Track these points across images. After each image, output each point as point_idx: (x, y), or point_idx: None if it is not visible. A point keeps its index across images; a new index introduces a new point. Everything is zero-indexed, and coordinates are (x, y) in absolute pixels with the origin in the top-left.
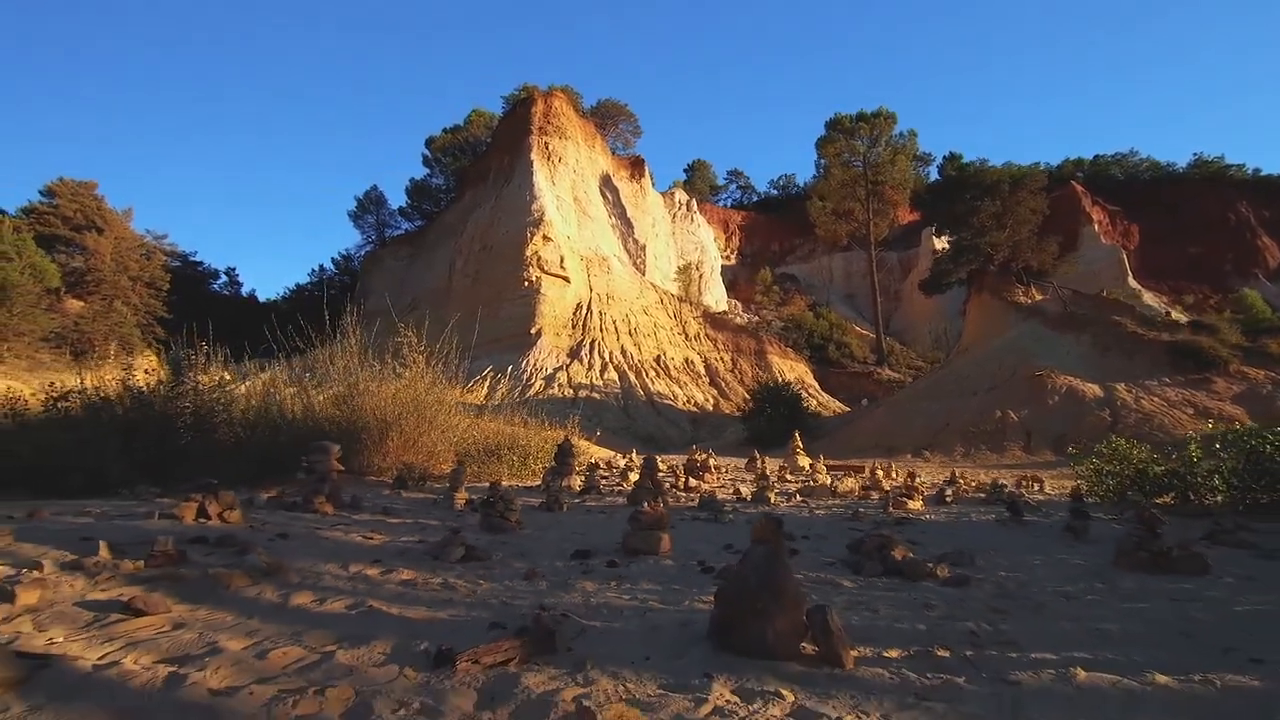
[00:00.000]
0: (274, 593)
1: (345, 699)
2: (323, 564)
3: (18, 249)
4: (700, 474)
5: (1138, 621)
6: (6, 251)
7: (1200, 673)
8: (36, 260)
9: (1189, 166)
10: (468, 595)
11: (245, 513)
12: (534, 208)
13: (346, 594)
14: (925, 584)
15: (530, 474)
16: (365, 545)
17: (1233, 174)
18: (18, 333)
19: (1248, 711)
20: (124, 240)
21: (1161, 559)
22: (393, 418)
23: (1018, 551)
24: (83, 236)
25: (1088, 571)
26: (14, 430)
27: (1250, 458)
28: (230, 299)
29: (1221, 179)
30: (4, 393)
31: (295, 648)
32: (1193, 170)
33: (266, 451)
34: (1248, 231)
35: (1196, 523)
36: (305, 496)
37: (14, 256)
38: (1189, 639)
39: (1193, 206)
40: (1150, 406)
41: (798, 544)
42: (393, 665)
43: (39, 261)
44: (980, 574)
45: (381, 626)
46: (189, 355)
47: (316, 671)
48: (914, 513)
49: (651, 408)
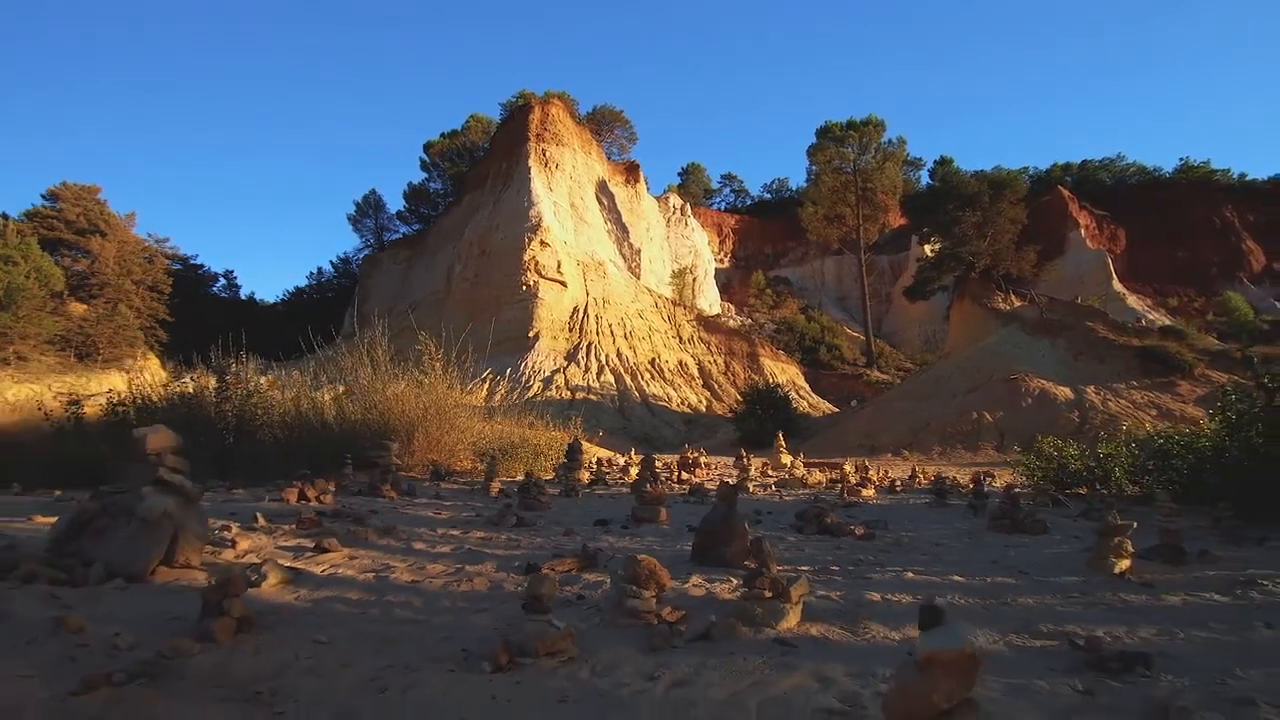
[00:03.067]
0: (397, 542)
1: (484, 583)
2: (416, 528)
3: (23, 253)
4: (692, 469)
5: (972, 556)
6: (12, 255)
7: (981, 576)
8: (42, 264)
9: (1176, 171)
10: (528, 545)
11: (334, 497)
12: (532, 214)
13: (447, 543)
14: (845, 538)
15: (541, 470)
16: (437, 518)
17: (1219, 179)
18: (23, 335)
19: (995, 590)
20: (127, 244)
21: (1015, 523)
22: (418, 420)
23: (926, 522)
24: (87, 240)
25: (966, 533)
26: (76, 433)
27: (1157, 455)
28: (230, 301)
29: (1208, 183)
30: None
31: (438, 564)
32: (1180, 175)
33: (308, 451)
34: (1233, 235)
35: (1099, 509)
36: (372, 484)
37: (19, 261)
38: (995, 564)
39: (1179, 211)
40: (1117, 408)
41: (763, 518)
42: (502, 572)
43: (44, 265)
44: (888, 533)
45: (483, 557)
46: (230, 363)
47: (459, 574)
48: (865, 499)
49: (646, 409)
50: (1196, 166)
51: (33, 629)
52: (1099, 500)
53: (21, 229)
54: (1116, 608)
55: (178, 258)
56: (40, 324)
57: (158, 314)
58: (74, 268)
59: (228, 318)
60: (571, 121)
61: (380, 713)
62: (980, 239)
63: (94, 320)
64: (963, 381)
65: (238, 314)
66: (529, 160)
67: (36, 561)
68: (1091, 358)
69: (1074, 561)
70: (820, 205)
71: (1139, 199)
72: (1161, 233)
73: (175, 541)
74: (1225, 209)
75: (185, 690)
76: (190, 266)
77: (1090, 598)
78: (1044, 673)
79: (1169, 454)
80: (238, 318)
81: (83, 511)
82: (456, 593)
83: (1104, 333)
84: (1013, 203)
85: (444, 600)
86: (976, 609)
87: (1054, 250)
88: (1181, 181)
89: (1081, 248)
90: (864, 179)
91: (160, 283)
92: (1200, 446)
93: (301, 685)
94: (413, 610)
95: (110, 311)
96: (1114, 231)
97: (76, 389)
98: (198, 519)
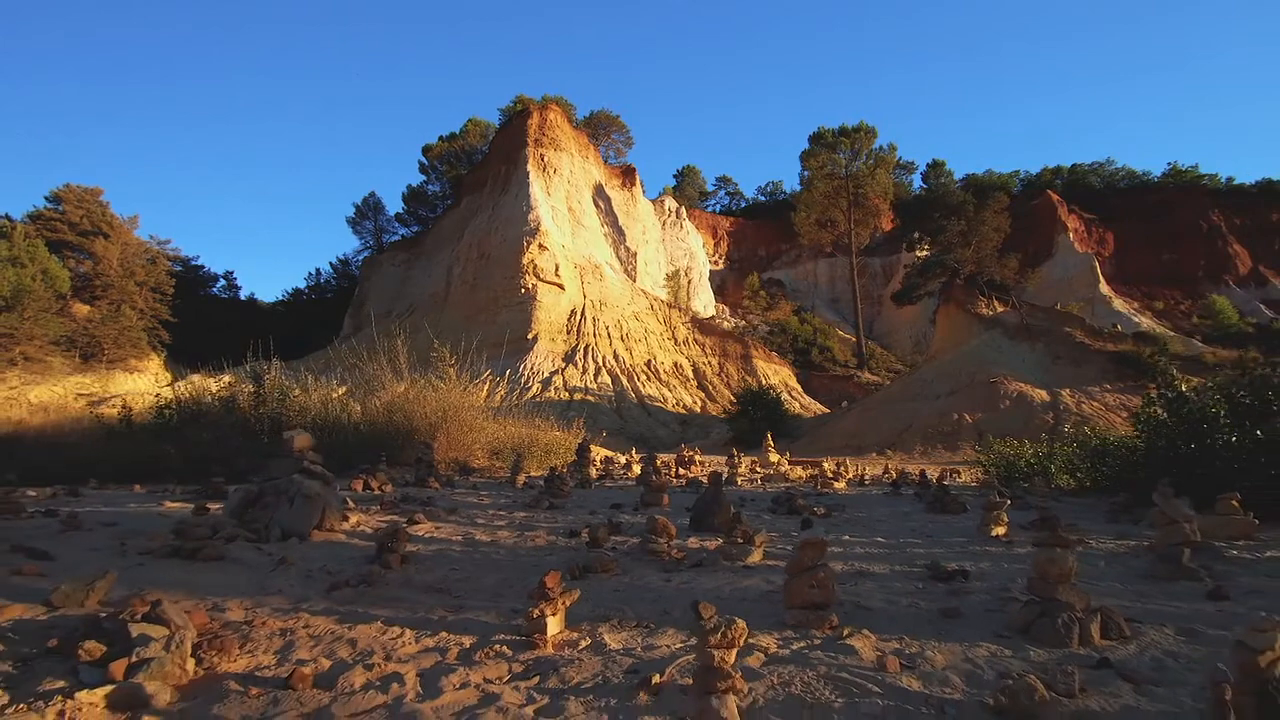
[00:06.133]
0: (463, 519)
1: (543, 540)
2: (470, 511)
3: (31, 255)
4: (688, 466)
5: (899, 526)
6: (19, 257)
7: (898, 538)
8: (49, 266)
9: (1164, 175)
10: (564, 520)
11: (393, 486)
12: (530, 218)
13: (501, 519)
14: (808, 517)
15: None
16: (482, 503)
17: (1207, 183)
18: (30, 336)
19: (902, 545)
20: (129, 246)
21: (943, 506)
22: (439, 422)
23: (877, 507)
24: (90, 242)
25: (903, 513)
26: (125, 433)
27: (1093, 454)
28: (230, 302)
29: (1196, 187)
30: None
31: (504, 532)
32: (1168, 179)
33: (339, 451)
34: (1220, 239)
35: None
36: (419, 477)
37: (27, 263)
38: (913, 531)
39: (1167, 214)
40: (1090, 410)
41: (747, 504)
42: (552, 536)
43: (51, 267)
44: (844, 514)
45: (535, 526)
46: (265, 370)
47: (522, 537)
48: (836, 490)
49: (643, 409)
50: (1185, 170)
51: (263, 566)
52: (1026, 491)
53: (28, 231)
54: (976, 554)
55: (179, 259)
56: (46, 325)
57: (160, 315)
58: (78, 269)
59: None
60: (569, 126)
61: (516, 595)
62: (965, 247)
63: (98, 321)
64: (945, 384)
65: (238, 315)
66: (527, 165)
67: (233, 526)
68: (1068, 362)
69: (971, 530)
70: (813, 210)
71: (1128, 202)
72: (1149, 236)
73: (323, 512)
74: (1212, 213)
75: (391, 589)
76: (191, 268)
77: (964, 550)
78: (903, 580)
79: (1104, 453)
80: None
81: (249, 493)
82: (527, 547)
83: (1081, 338)
84: (996, 212)
85: (520, 550)
86: (883, 554)
87: (1043, 253)
88: (1170, 185)
89: (1070, 251)
90: (855, 184)
91: (163, 284)
92: (1122, 446)
93: (460, 586)
94: (503, 553)
95: (114, 313)
96: (1102, 235)
97: (96, 391)
98: (335, 497)
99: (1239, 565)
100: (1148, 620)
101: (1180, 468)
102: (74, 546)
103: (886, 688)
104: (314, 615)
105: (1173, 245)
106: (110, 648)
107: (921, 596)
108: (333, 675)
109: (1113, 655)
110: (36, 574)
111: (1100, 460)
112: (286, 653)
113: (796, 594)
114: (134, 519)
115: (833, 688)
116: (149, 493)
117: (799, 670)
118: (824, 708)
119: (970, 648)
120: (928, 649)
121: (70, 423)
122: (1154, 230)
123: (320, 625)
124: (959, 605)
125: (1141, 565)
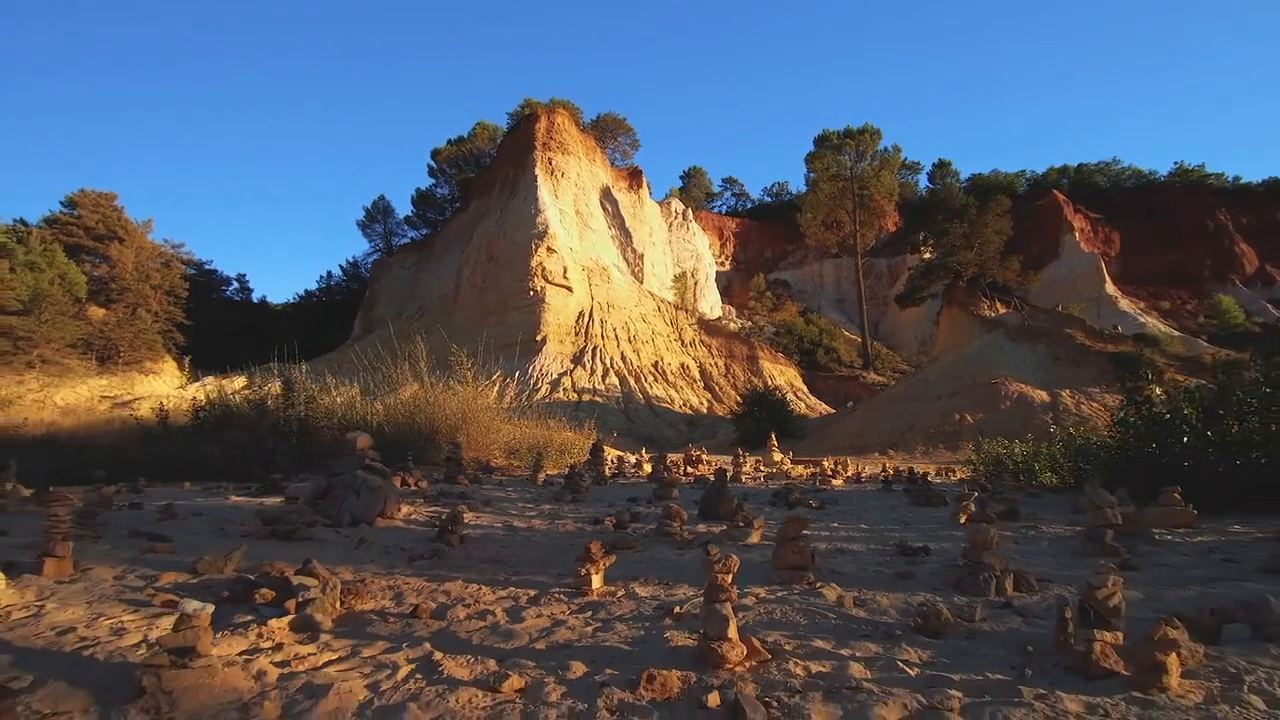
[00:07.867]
0: (498, 511)
1: (572, 527)
2: (501, 504)
3: (48, 259)
4: (695, 464)
5: (883, 517)
6: (37, 262)
7: (880, 526)
8: (66, 270)
9: (1171, 174)
10: (587, 512)
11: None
12: (539, 221)
13: (532, 510)
14: (804, 509)
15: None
16: (510, 497)
17: (1213, 182)
18: (47, 339)
19: (882, 531)
20: (144, 250)
21: (926, 498)
22: (459, 424)
23: (867, 501)
24: (106, 246)
25: (890, 506)
26: (162, 435)
27: (1078, 453)
28: (242, 304)
29: (1202, 187)
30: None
31: (536, 520)
32: (1174, 178)
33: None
34: (1226, 238)
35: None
36: (449, 474)
37: (44, 267)
38: (895, 520)
39: (1173, 214)
40: (1089, 410)
41: (750, 498)
42: (580, 524)
43: (69, 271)
44: (837, 507)
45: (562, 516)
46: (294, 373)
47: (554, 525)
48: (833, 486)
49: (650, 410)
50: (1191, 170)
51: (346, 545)
52: (1007, 488)
53: (45, 236)
54: (942, 536)
55: (193, 263)
56: (64, 328)
57: (175, 318)
58: (94, 273)
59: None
60: (576, 130)
61: (560, 565)
62: (967, 249)
63: (114, 324)
64: (947, 385)
65: (250, 317)
66: (535, 168)
67: (310, 514)
68: (1068, 363)
69: (945, 519)
70: (818, 211)
71: (1134, 202)
72: (1155, 235)
73: (385, 502)
74: (1219, 212)
75: (458, 561)
76: (204, 271)
77: (934, 534)
78: (875, 555)
79: (1087, 452)
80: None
81: (319, 486)
82: (559, 532)
83: (1081, 339)
84: (998, 214)
85: (554, 534)
86: (863, 537)
87: (1049, 253)
88: (1176, 185)
89: (1076, 250)
90: (860, 185)
91: (177, 287)
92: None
93: (513, 558)
94: (540, 536)
95: (130, 316)
96: (1108, 234)
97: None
98: (394, 489)
99: (1164, 547)
100: (1059, 581)
101: (1145, 465)
102: (181, 531)
103: (841, 614)
104: (407, 577)
105: (1179, 245)
106: (277, 594)
107: (886, 566)
108: (441, 611)
109: (1017, 602)
110: (169, 552)
111: (1080, 459)
112: (400, 599)
113: (783, 558)
114: (214, 511)
115: (802, 614)
116: (203, 490)
117: (779, 606)
118: (793, 624)
119: (910, 595)
120: (879, 596)
121: (100, 425)
122: (1160, 230)
123: (416, 583)
124: (914, 571)
125: (1076, 545)
